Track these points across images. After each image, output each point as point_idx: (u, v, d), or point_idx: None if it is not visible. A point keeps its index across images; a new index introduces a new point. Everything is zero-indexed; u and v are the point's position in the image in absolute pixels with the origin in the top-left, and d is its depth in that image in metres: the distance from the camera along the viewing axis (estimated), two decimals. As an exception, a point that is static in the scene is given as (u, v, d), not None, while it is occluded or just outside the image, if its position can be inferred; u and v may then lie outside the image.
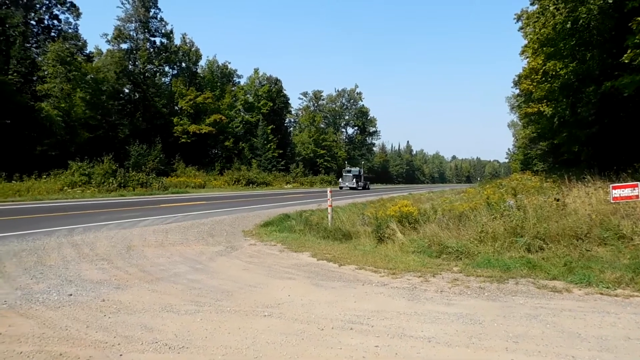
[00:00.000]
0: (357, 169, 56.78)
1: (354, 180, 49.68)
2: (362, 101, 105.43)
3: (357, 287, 6.22)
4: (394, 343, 4.13)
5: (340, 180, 53.57)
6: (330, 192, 12.94)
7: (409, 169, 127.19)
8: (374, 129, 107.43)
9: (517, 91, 40.25)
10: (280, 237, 10.62)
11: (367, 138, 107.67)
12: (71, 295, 5.43)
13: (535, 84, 26.83)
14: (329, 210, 12.26)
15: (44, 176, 28.40)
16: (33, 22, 44.37)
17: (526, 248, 7.77)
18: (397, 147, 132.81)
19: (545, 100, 27.57)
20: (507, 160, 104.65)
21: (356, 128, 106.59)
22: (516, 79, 36.82)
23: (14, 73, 37.48)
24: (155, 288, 5.91)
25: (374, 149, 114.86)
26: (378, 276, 6.87)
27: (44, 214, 14.59)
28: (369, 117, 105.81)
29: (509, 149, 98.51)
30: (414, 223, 10.22)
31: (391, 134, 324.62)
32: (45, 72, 39.46)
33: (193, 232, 11.31)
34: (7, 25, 39.83)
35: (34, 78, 38.78)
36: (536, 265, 6.99)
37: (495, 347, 4.08)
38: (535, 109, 31.68)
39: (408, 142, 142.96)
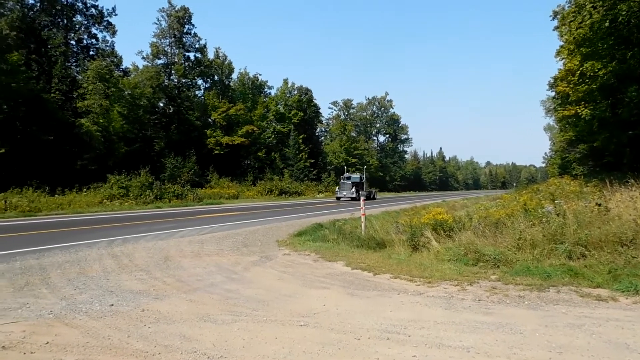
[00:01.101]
0: (358, 175, 47.53)
1: (353, 189, 41.44)
2: (392, 108, 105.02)
3: (392, 296, 6.16)
4: (431, 353, 4.07)
5: (337, 189, 43.61)
6: (363, 200, 12.90)
7: (442, 176, 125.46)
8: (405, 136, 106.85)
9: (553, 94, 39.12)
10: (314, 246, 10.64)
11: (398, 145, 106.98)
12: (112, 305, 5.57)
13: (572, 85, 26.10)
14: (362, 218, 12.22)
15: (85, 190, 29.33)
16: (73, 42, 46.13)
17: (567, 255, 7.53)
18: (429, 154, 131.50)
19: (582, 102, 26.71)
20: (544, 165, 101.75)
21: (387, 136, 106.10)
22: (551, 81, 35.82)
23: (56, 91, 38.99)
24: (192, 298, 6.00)
25: (406, 156, 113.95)
26: (414, 285, 6.80)
27: (84, 227, 15.07)
28: (400, 125, 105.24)
29: (545, 153, 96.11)
30: (449, 231, 10.07)
31: (423, 141, 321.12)
32: (85, 89, 40.89)
33: (228, 242, 11.45)
34: (49, 46, 41.60)
35: (75, 95, 40.22)
36: (578, 273, 6.77)
37: (538, 357, 3.96)
38: (573, 112, 30.73)
39: (441, 148, 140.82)
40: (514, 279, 6.84)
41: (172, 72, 55.01)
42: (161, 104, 55.03)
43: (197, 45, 57.25)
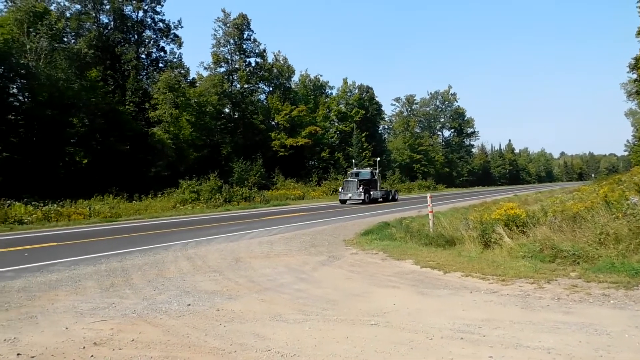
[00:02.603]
0: (368, 170, 35.01)
1: (361, 188, 30.63)
2: (457, 102, 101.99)
3: (464, 295, 6.00)
4: (509, 354, 3.92)
5: (340, 190, 32.84)
6: (430, 197, 12.65)
7: (512, 170, 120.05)
8: (471, 129, 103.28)
9: (635, 76, 36.33)
10: (381, 245, 10.57)
11: (464, 140, 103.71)
12: (189, 305, 5.83)
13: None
14: (430, 216, 11.99)
15: (159, 195, 30.91)
16: (143, 56, 48.82)
17: (657, 250, 6.99)
18: (498, 147, 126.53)
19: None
20: (626, 153, 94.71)
21: (453, 130, 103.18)
22: (632, 62, 33.31)
23: (130, 103, 41.40)
24: (263, 298, 6.16)
25: (473, 150, 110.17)
26: (486, 283, 6.58)
27: (160, 230, 15.86)
28: (465, 118, 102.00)
29: (628, 141, 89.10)
30: (522, 226, 9.64)
31: (491, 134, 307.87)
32: (156, 100, 43.06)
33: (296, 242, 11.64)
34: (122, 61, 44.27)
35: (147, 106, 42.49)
36: (671, 269, 6.27)
37: (627, 360, 3.71)
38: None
39: (510, 141, 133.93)
40: (596, 276, 6.45)
41: (235, 78, 56.67)
42: (226, 110, 56.92)
43: (257, 51, 58.58)
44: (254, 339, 4.47)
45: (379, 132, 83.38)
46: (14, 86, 32.67)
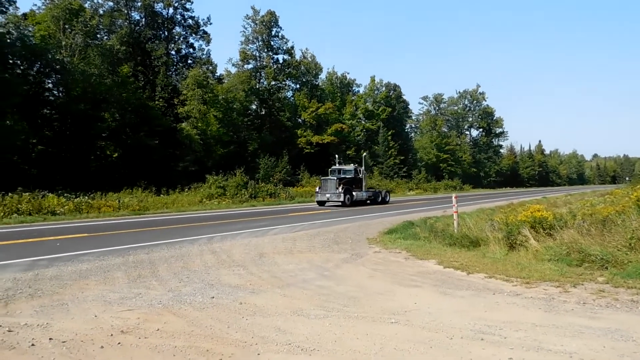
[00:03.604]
0: (352, 167, 29.35)
1: (340, 188, 25.94)
2: (485, 101, 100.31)
3: (487, 296, 5.96)
4: (529, 356, 3.89)
5: (317, 190, 27.90)
6: (456, 197, 12.54)
7: (541, 171, 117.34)
8: (500, 129, 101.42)
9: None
10: (405, 244, 10.55)
11: (493, 140, 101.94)
12: (213, 298, 5.95)
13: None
14: (455, 216, 11.89)
15: (186, 190, 31.48)
16: (173, 52, 49.74)
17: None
18: (527, 148, 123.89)
19: None
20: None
21: (481, 130, 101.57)
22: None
23: (159, 99, 42.21)
24: (286, 293, 6.24)
25: (502, 151, 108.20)
26: (510, 285, 6.52)
27: (186, 224, 16.15)
28: (494, 118, 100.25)
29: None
30: (549, 229, 9.48)
31: (520, 134, 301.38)
32: (185, 96, 43.77)
33: (319, 239, 11.71)
34: (152, 58, 45.14)
35: (175, 102, 43.24)
36: None
37: (652, 367, 3.64)
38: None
39: (540, 141, 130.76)
40: (625, 282, 6.31)
41: (263, 75, 57.08)
42: (253, 107, 57.45)
43: (284, 47, 58.86)
44: (275, 333, 4.55)
45: (406, 130, 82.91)
46: (50, 81, 33.74)
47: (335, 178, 26.92)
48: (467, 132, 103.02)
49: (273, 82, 57.69)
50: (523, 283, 6.59)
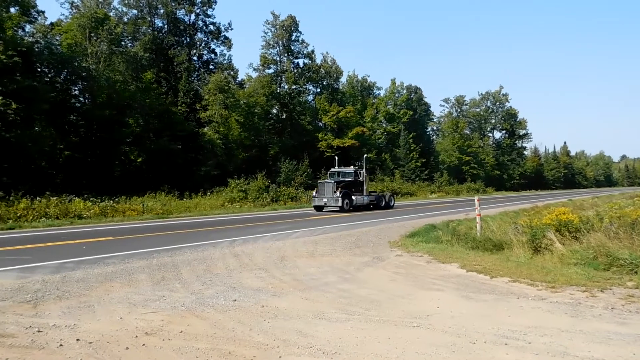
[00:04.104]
0: (351, 170, 27.15)
1: (338, 192, 24.08)
2: (509, 102, 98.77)
3: (510, 300, 5.87)
4: (555, 362, 3.82)
5: (314, 194, 25.89)
6: (478, 200, 12.39)
7: (567, 173, 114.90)
8: (524, 131, 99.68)
9: None
10: (427, 247, 10.46)
11: (516, 142, 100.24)
12: (235, 300, 6.00)
13: None
14: (478, 219, 11.75)
15: (208, 194, 31.85)
16: (195, 58, 50.39)
17: None
18: (552, 150, 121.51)
19: None
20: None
21: (504, 132, 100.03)
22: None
23: (182, 104, 42.77)
24: (307, 296, 6.25)
25: (525, 153, 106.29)
26: (535, 289, 6.41)
27: (209, 228, 16.31)
28: (518, 119, 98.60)
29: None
30: (575, 232, 9.30)
31: (545, 136, 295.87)
32: (207, 101, 44.28)
33: (340, 243, 11.70)
34: (175, 64, 45.82)
35: (197, 107, 43.76)
36: None
37: (684, 374, 3.54)
38: None
39: (565, 143, 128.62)
40: (655, 287, 6.15)
41: (283, 79, 57.38)
42: (274, 111, 57.75)
43: (305, 52, 59.03)
44: (297, 336, 4.56)
45: (427, 133, 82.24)
46: (76, 88, 34.49)
47: (333, 181, 24.94)
48: (490, 134, 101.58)
49: (294, 86, 57.90)
50: (548, 287, 6.47)
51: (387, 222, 18.13)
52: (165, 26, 48.15)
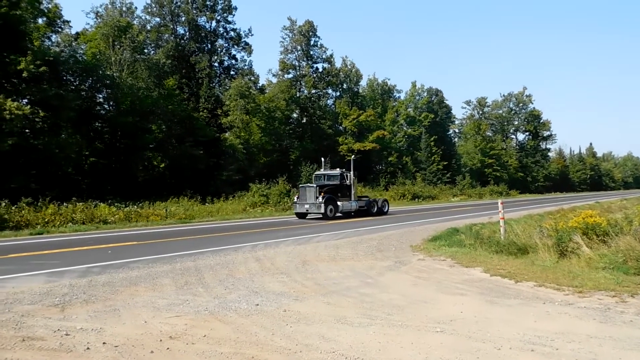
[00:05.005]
0: (337, 172, 24.60)
1: (320, 197, 21.68)
2: (532, 104, 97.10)
3: (536, 305, 5.76)
4: (584, 369, 3.73)
5: (295, 200, 23.37)
6: (502, 203, 12.20)
7: (593, 175, 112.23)
8: (548, 132, 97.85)
9: None
10: (450, 251, 10.35)
11: (540, 143, 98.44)
12: (258, 305, 6.02)
13: None
14: (501, 222, 11.56)
15: (230, 198, 32.12)
16: (216, 64, 51.05)
17: None
18: (577, 151, 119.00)
19: None
20: None
21: (527, 133, 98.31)
22: None
23: (203, 110, 43.34)
24: (329, 300, 6.24)
25: (550, 154, 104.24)
26: (561, 294, 6.28)
27: (231, 232, 16.44)
28: (541, 121, 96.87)
29: None
30: (603, 235, 9.07)
31: (569, 137, 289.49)
32: (228, 106, 44.72)
33: (362, 247, 11.66)
34: (196, 70, 46.44)
35: (219, 112, 44.26)
36: None
37: None
38: None
39: (591, 144, 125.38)
40: (687, 291, 5.96)
41: (302, 84, 57.61)
42: (295, 115, 58.02)
43: (324, 56, 59.17)
44: (319, 341, 4.56)
45: (449, 135, 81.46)
46: (100, 96, 35.22)
47: (315, 185, 22.39)
48: (513, 136, 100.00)
49: (313, 91, 58.08)
50: (575, 292, 6.34)
51: (409, 225, 18.01)
52: (187, 33, 48.85)
